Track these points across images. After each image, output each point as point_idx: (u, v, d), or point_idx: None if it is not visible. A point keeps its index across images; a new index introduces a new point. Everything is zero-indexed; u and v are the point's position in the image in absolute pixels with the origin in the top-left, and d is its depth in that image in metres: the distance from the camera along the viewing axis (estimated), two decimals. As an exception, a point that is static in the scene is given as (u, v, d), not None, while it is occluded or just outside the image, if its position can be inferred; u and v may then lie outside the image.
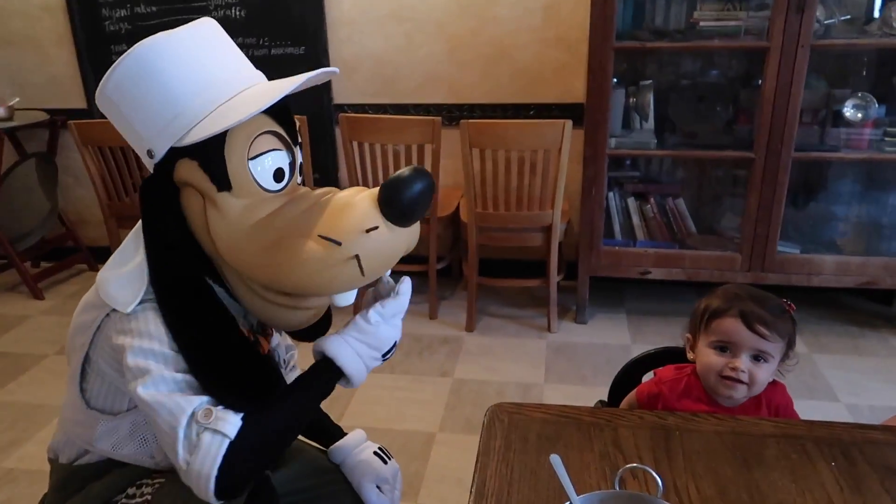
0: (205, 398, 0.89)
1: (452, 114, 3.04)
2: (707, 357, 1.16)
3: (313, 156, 3.13)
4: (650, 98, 2.68)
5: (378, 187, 0.93)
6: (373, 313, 0.99)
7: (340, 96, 3.14)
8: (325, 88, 3.12)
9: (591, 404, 1.34)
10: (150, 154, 0.93)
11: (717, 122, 2.78)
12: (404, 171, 0.91)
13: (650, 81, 2.73)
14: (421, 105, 3.10)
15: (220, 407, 0.89)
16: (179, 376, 0.91)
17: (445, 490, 1.96)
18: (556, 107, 3.00)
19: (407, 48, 3.05)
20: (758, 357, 1.13)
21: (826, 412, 2.31)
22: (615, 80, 2.63)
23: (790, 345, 1.17)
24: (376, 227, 0.89)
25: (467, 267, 2.82)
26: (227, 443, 0.86)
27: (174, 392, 0.89)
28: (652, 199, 2.86)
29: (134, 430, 1.01)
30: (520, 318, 2.93)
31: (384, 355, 1.02)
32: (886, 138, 2.53)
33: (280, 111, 0.95)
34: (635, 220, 2.86)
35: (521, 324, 2.88)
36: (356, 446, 1.23)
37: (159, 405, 0.88)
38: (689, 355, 1.24)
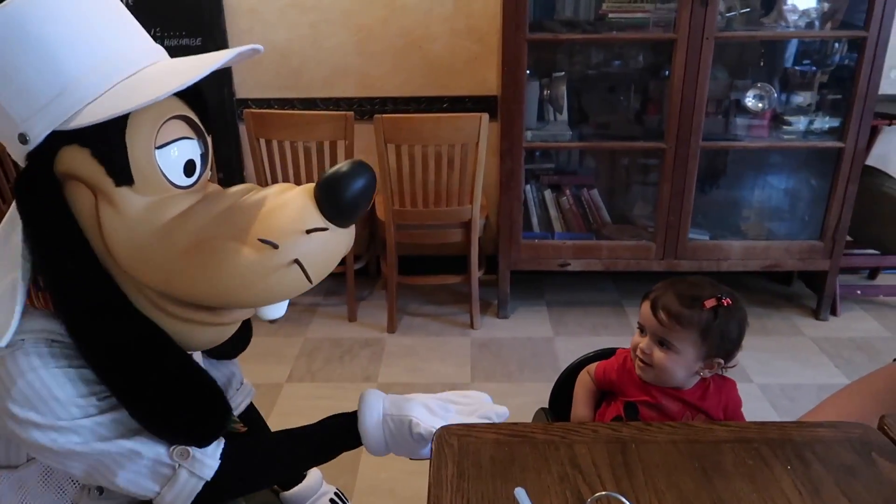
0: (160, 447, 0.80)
1: (363, 108, 2.93)
2: (633, 336, 1.24)
3: (216, 154, 2.94)
4: (564, 90, 2.68)
5: (311, 183, 0.81)
6: (422, 440, 0.95)
7: (243, 90, 2.97)
8: (226, 81, 2.93)
9: (521, 402, 1.34)
10: (22, 139, 0.74)
11: (628, 112, 2.83)
12: (343, 165, 0.78)
13: (563, 73, 2.73)
14: (330, 99, 2.97)
15: (194, 448, 0.82)
16: (113, 416, 0.79)
17: (379, 502, 1.89)
18: (469, 99, 2.96)
19: (313, 39, 2.91)
20: (664, 344, 1.16)
21: (741, 393, 2.41)
22: (528, 71, 2.61)
23: (711, 340, 1.15)
24: (318, 228, 0.77)
25: (386, 266, 2.74)
26: (202, 484, 0.84)
27: (121, 437, 0.79)
28: (567, 191, 2.87)
29: (45, 479, 0.86)
30: (442, 315, 2.88)
31: (413, 458, 0.96)
32: (784, 126, 2.65)
33: (191, 94, 0.80)
34: (552, 212, 2.86)
35: (443, 322, 2.83)
36: (312, 494, 1.14)
37: (115, 455, 0.78)
38: None
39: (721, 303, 1.14)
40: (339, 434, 0.97)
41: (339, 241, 0.81)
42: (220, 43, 2.87)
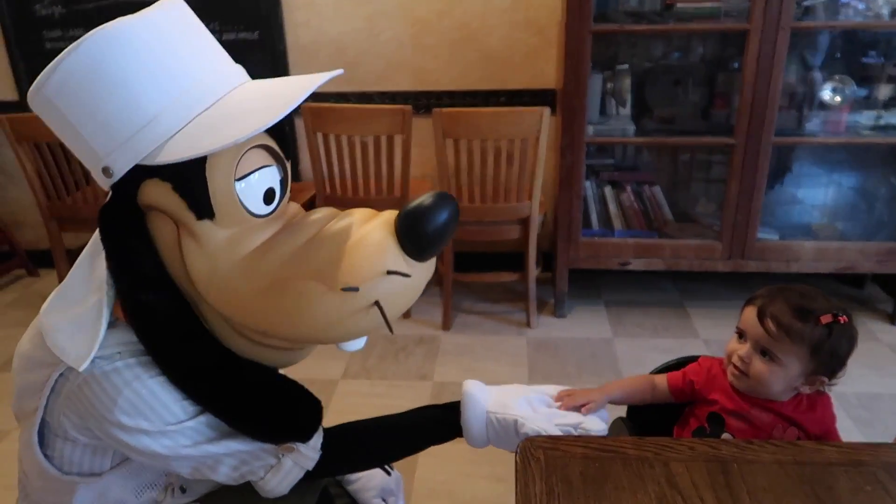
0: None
1: (419, 102, 2.89)
2: (730, 341, 1.16)
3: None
4: (628, 83, 2.59)
5: (391, 213, 0.78)
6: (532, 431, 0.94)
7: (299, 84, 2.95)
8: (282, 75, 2.91)
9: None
10: (106, 172, 0.73)
11: (694, 106, 2.72)
12: (426, 198, 0.75)
13: (626, 66, 2.64)
14: (385, 93, 2.94)
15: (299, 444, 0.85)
16: (211, 417, 0.82)
17: (436, 505, 1.85)
18: (526, 93, 2.89)
19: (369, 32, 2.88)
20: (767, 354, 1.09)
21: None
22: (590, 64, 2.52)
23: (820, 357, 1.09)
24: (400, 272, 0.75)
25: (441, 263, 2.69)
26: (303, 472, 0.89)
27: (228, 438, 0.82)
28: (628, 188, 2.78)
29: (124, 486, 0.87)
30: (497, 314, 2.83)
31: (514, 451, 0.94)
32: (862, 121, 2.51)
33: None
34: (612, 209, 2.78)
35: (498, 320, 2.77)
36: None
37: (221, 456, 0.82)
38: None
39: (837, 319, 1.05)
40: (437, 426, 0.97)
41: (418, 278, 0.79)
42: (277, 36, 2.87)
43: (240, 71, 0.81)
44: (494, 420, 0.95)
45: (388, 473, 1.19)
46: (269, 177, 0.79)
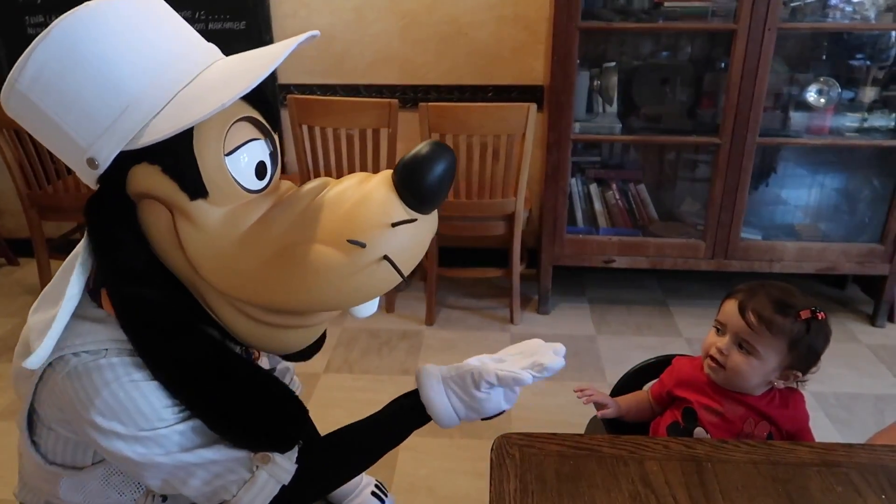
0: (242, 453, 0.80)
1: (406, 95, 2.87)
2: (708, 335, 1.18)
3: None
4: (615, 81, 2.59)
5: (387, 171, 0.77)
6: (490, 389, 0.89)
7: (285, 76, 2.93)
8: (268, 67, 2.89)
9: (563, 402, 1.29)
10: (91, 164, 0.71)
11: (681, 105, 2.72)
12: (421, 147, 0.74)
13: (614, 63, 2.64)
14: (373, 86, 2.92)
15: (276, 454, 0.81)
16: (193, 424, 0.78)
17: (417, 500, 1.84)
18: (514, 89, 2.88)
19: (357, 25, 2.86)
20: (745, 347, 1.10)
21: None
22: (577, 61, 2.52)
23: (798, 352, 1.11)
24: (405, 221, 0.73)
25: (426, 257, 2.68)
26: (279, 487, 0.83)
27: (202, 447, 0.78)
28: (614, 185, 2.79)
29: (106, 482, 0.85)
30: (481, 309, 2.82)
31: (485, 418, 0.91)
32: (846, 123, 2.53)
33: (253, 93, 0.74)
34: (597, 206, 2.78)
35: (482, 316, 2.77)
36: (355, 488, 1.12)
37: (193, 465, 0.78)
38: None
39: (815, 315, 1.07)
40: (405, 415, 0.94)
41: (425, 229, 0.77)
42: (264, 26, 2.84)
43: (213, 48, 0.79)
44: (451, 382, 0.91)
45: (383, 501, 1.17)
46: (259, 150, 0.77)
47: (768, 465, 0.87)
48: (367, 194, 0.74)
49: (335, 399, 2.25)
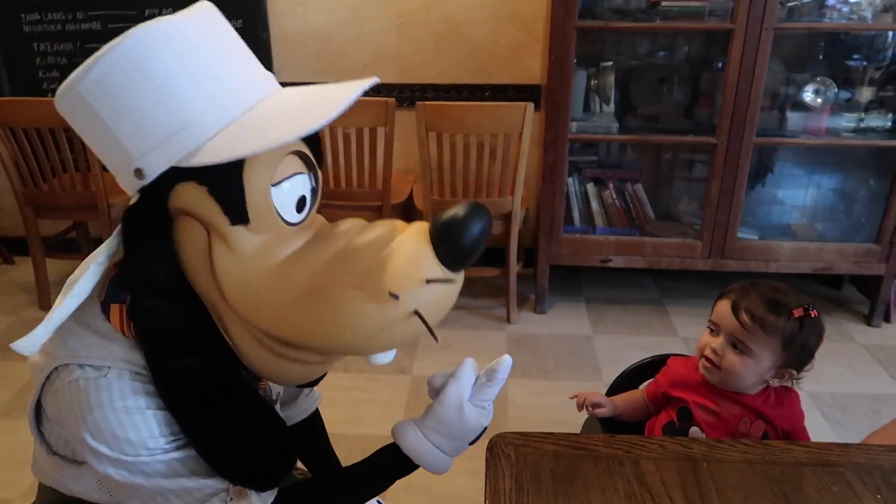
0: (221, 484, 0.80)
1: (403, 94, 2.87)
2: (702, 335, 1.18)
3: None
4: (612, 80, 2.59)
5: (423, 224, 0.78)
6: (466, 405, 0.86)
7: (282, 74, 2.92)
8: (265, 65, 2.88)
9: (559, 401, 1.30)
10: (138, 174, 0.71)
11: (678, 105, 2.73)
12: (459, 209, 0.75)
13: (611, 63, 2.64)
14: (370, 85, 2.91)
15: (253, 492, 0.81)
16: (176, 456, 0.79)
17: (413, 499, 1.84)
18: (512, 88, 2.88)
19: (354, 23, 2.85)
20: (740, 347, 1.10)
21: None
22: (574, 61, 2.52)
23: (792, 350, 1.11)
24: (440, 279, 0.74)
25: (423, 257, 2.68)
26: None
27: (181, 476, 0.79)
28: (611, 185, 2.79)
29: (101, 483, 0.86)
30: (477, 308, 2.82)
31: (472, 442, 0.89)
32: (843, 123, 2.53)
33: None
34: (595, 206, 2.78)
35: (479, 315, 2.77)
36: None
37: (171, 492, 0.79)
38: None
39: (808, 313, 1.07)
40: (389, 464, 0.93)
41: (455, 287, 0.79)
42: (261, 25, 2.83)
43: (270, 77, 0.80)
44: (422, 420, 0.90)
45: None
46: (302, 185, 0.78)
47: (764, 464, 0.87)
48: (404, 246, 0.75)
49: (331, 398, 2.23)
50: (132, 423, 0.76)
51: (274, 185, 0.74)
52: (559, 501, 0.81)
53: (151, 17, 2.80)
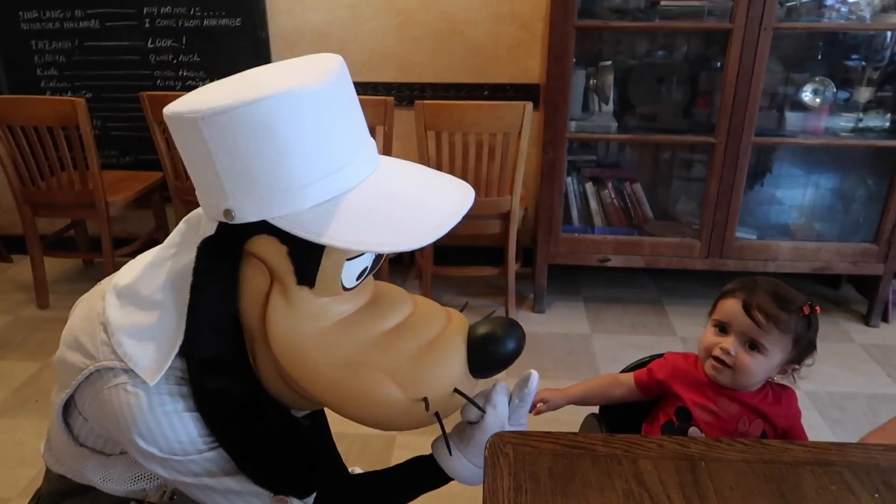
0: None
1: (402, 93, 2.87)
2: (706, 334, 1.16)
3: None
4: (611, 80, 2.59)
5: (463, 323, 0.86)
6: (506, 427, 0.94)
7: (281, 73, 2.92)
8: (263, 64, 2.88)
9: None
10: (227, 214, 0.74)
11: (676, 105, 2.73)
12: (497, 328, 0.83)
13: (610, 62, 2.64)
14: (368, 83, 2.91)
15: (293, 499, 0.86)
16: (222, 453, 0.83)
17: (410, 499, 1.84)
18: (510, 87, 2.88)
19: (352, 22, 2.85)
20: (752, 345, 1.10)
21: (787, 400, 2.32)
22: (573, 60, 2.52)
23: (800, 346, 1.11)
24: (467, 397, 0.84)
25: (422, 255, 2.68)
26: None
27: (228, 475, 0.84)
28: (609, 184, 2.79)
29: (128, 470, 0.90)
30: (476, 307, 2.82)
31: None
32: (841, 123, 2.53)
33: None
34: (593, 205, 2.78)
35: (478, 314, 2.73)
36: None
37: (212, 489, 0.84)
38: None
39: (814, 309, 1.08)
40: (424, 475, 0.99)
41: (470, 391, 0.87)
42: (259, 23, 2.83)
43: (374, 147, 0.83)
44: (460, 447, 0.95)
45: None
46: (369, 256, 0.81)
47: (762, 463, 0.87)
48: (443, 350, 0.82)
49: (329, 397, 2.24)
50: (182, 425, 0.80)
51: (348, 260, 0.78)
52: (557, 500, 0.81)
53: (149, 15, 2.82)
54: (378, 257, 0.84)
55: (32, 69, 2.96)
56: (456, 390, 0.82)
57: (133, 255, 3.12)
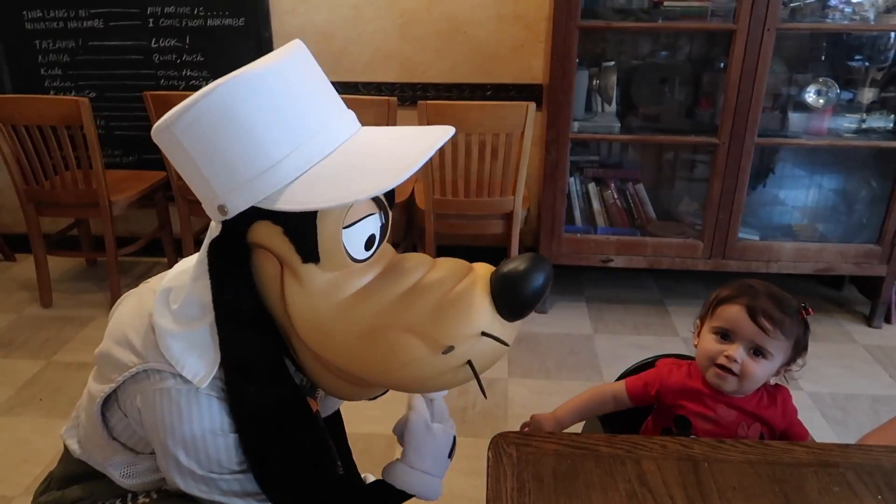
0: None
1: (405, 93, 2.87)
2: (706, 342, 1.14)
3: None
4: (614, 80, 2.59)
5: (486, 269, 0.82)
6: (432, 425, 0.95)
7: (284, 72, 2.92)
8: (267, 64, 2.89)
9: (560, 401, 1.28)
10: (221, 210, 0.77)
11: (679, 105, 2.72)
12: (521, 262, 0.78)
13: (613, 63, 2.64)
14: (371, 84, 2.92)
15: None
16: (248, 476, 0.85)
17: (415, 498, 1.84)
18: (513, 87, 2.88)
19: (356, 22, 2.85)
20: (757, 352, 1.09)
21: (789, 401, 2.32)
22: (576, 60, 2.52)
23: (798, 348, 1.12)
24: (495, 337, 0.78)
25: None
26: None
27: (251, 496, 0.86)
28: (612, 185, 2.79)
29: (153, 469, 0.92)
30: (478, 308, 2.82)
31: (450, 455, 0.97)
32: (845, 124, 2.53)
33: None
34: (595, 205, 2.78)
35: (479, 314, 2.77)
36: None
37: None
38: (694, 341, 1.21)
39: (808, 311, 1.08)
40: (387, 499, 0.99)
41: (507, 336, 0.82)
42: (263, 23, 2.83)
43: (352, 118, 0.83)
44: (407, 458, 0.96)
45: None
46: (372, 224, 0.81)
47: (765, 465, 0.87)
48: (464, 294, 0.78)
49: (332, 397, 2.25)
50: (226, 445, 0.82)
51: (346, 228, 0.77)
52: (561, 501, 0.81)
53: (153, 15, 2.83)
54: (384, 225, 0.84)
55: (36, 68, 2.97)
56: (484, 333, 0.78)
57: (136, 254, 3.09)
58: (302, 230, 0.75)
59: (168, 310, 0.84)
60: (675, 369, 1.20)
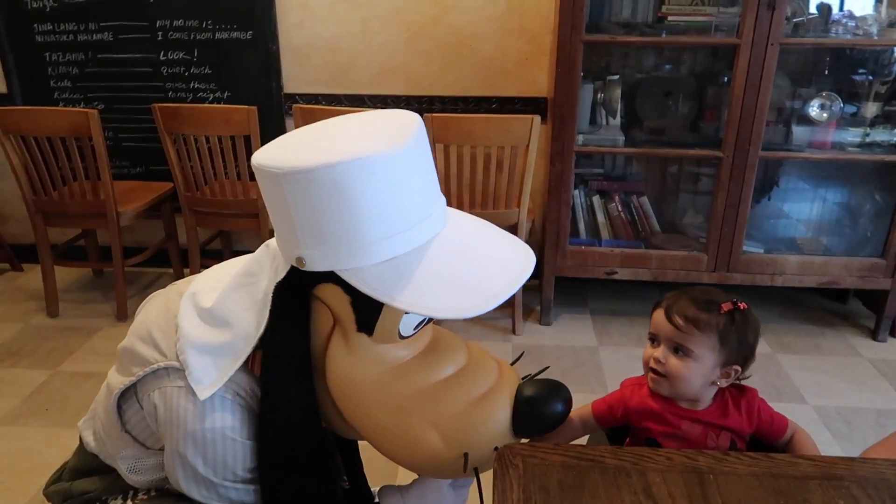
0: None
1: (411, 106, 2.89)
2: (645, 350, 1.16)
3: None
4: (618, 94, 2.61)
5: (514, 378, 0.91)
6: (447, 488, 0.98)
7: (291, 85, 2.95)
8: (274, 76, 2.92)
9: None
10: (299, 262, 0.79)
11: (683, 119, 2.74)
12: (545, 390, 0.87)
13: (617, 76, 2.66)
14: (377, 96, 2.94)
15: None
16: (254, 487, 0.88)
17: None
18: (518, 100, 2.90)
19: (362, 35, 2.88)
20: (678, 350, 1.10)
21: (795, 415, 2.28)
22: (581, 74, 2.54)
23: (729, 345, 1.09)
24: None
25: (429, 267, 2.69)
26: None
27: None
28: (616, 197, 2.80)
29: (158, 468, 0.93)
30: (483, 320, 2.82)
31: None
32: (848, 137, 2.54)
33: None
34: (600, 218, 2.79)
35: (484, 326, 2.77)
36: None
37: None
38: None
39: (737, 306, 1.08)
40: None
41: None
42: (270, 37, 2.86)
43: (443, 203, 0.86)
44: (408, 488, 1.00)
45: None
46: None
47: (770, 477, 0.87)
48: (488, 409, 0.86)
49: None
50: (233, 448, 0.83)
51: (406, 314, 0.81)
52: (566, 512, 0.82)
53: (162, 28, 2.86)
54: None
55: (46, 81, 3.01)
56: (496, 449, 0.85)
57: (142, 265, 3.09)
58: (369, 307, 0.79)
59: (195, 317, 0.86)
60: (636, 390, 1.19)
